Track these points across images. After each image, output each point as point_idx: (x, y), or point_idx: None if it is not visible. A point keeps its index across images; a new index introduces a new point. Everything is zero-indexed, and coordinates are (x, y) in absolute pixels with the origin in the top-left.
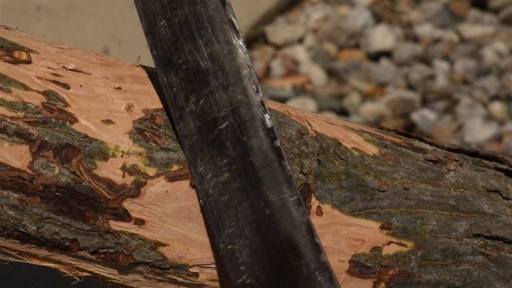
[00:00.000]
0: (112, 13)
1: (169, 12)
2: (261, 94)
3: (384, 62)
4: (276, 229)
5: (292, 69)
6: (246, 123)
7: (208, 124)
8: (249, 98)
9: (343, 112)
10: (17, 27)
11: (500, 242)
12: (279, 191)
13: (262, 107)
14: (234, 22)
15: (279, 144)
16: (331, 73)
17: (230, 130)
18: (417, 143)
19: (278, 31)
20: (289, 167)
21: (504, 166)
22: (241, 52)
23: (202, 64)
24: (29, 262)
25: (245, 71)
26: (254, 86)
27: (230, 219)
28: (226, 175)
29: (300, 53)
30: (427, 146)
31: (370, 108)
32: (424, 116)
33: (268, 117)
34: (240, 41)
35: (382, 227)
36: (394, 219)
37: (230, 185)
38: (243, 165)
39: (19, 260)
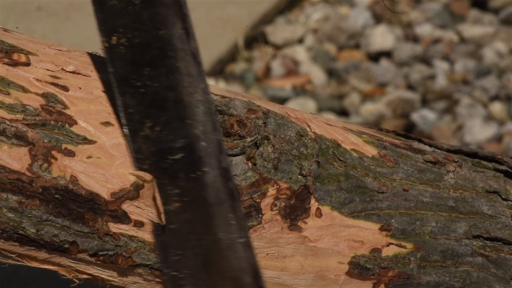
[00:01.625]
0: None
1: (130, 31)
2: (219, 133)
3: (384, 62)
4: (223, 266)
5: (292, 69)
6: (202, 159)
7: (163, 151)
8: (207, 135)
9: (343, 112)
10: (17, 27)
11: (499, 243)
12: (228, 231)
13: (219, 146)
14: (197, 55)
15: (233, 185)
16: (331, 73)
17: (184, 162)
18: (416, 144)
19: (278, 31)
20: (241, 209)
21: (503, 167)
22: (202, 87)
23: (160, 91)
24: (29, 264)
25: (204, 107)
26: (212, 124)
27: (177, 247)
28: (176, 205)
29: (300, 53)
30: (426, 147)
31: (370, 108)
32: (424, 116)
33: (225, 157)
34: (201, 75)
35: (381, 229)
36: (393, 220)
37: (180, 215)
38: (195, 199)
39: (18, 263)
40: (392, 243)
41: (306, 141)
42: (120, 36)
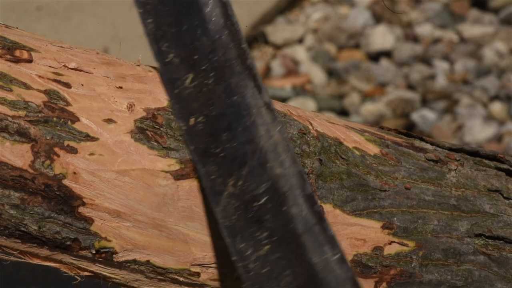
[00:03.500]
0: (112, 13)
1: (206, 108)
2: (299, 164)
3: (384, 62)
4: None
5: (292, 69)
6: (285, 194)
7: (247, 202)
8: (287, 170)
9: (343, 112)
10: (17, 27)
11: (501, 242)
12: (321, 252)
13: (301, 177)
14: (270, 104)
15: (319, 207)
16: (331, 73)
17: (269, 203)
18: (418, 142)
19: (278, 31)
20: (330, 227)
21: (505, 166)
22: (278, 129)
23: (240, 148)
24: (30, 261)
25: (282, 145)
26: (291, 158)
27: (273, 286)
28: (266, 248)
29: (300, 53)
30: (428, 146)
31: (370, 108)
32: (424, 116)
33: (307, 184)
34: (276, 120)
35: (383, 227)
36: (395, 218)
37: (271, 256)
38: (284, 235)
39: (20, 260)
40: (394, 242)
41: (308, 139)
42: (197, 116)
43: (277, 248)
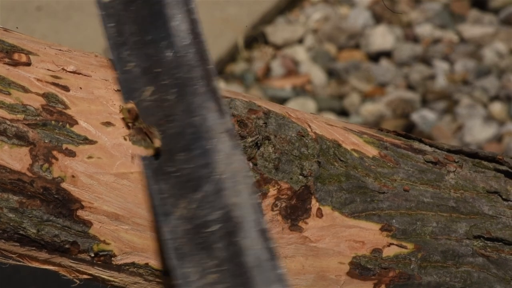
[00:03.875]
0: None
1: (164, 124)
2: (256, 197)
3: (384, 62)
4: None
5: (292, 69)
6: (239, 225)
7: (198, 227)
8: (244, 200)
9: (343, 112)
10: (17, 27)
11: (500, 243)
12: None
13: (257, 208)
14: (232, 130)
15: (272, 244)
16: (331, 73)
17: (221, 232)
18: (416, 144)
19: (278, 31)
20: (280, 267)
21: (504, 168)
22: (238, 158)
23: (196, 171)
24: (29, 264)
25: (240, 174)
26: (248, 189)
27: None
28: (213, 276)
29: (300, 53)
30: (427, 148)
31: (370, 108)
32: (424, 116)
33: (262, 217)
34: (237, 148)
35: (382, 229)
36: (394, 220)
37: (218, 285)
38: (233, 266)
39: (19, 263)
40: (393, 244)
41: (307, 141)
42: None
43: (226, 278)
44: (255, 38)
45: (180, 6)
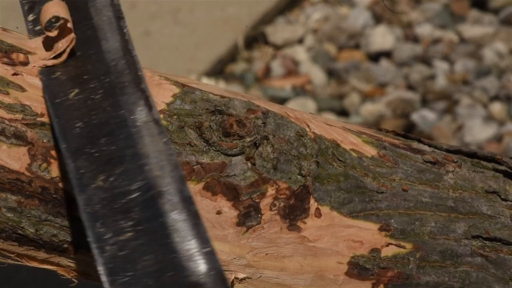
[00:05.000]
0: None
1: (87, 117)
2: (180, 171)
3: (384, 63)
4: (181, 277)
5: (292, 70)
6: (160, 192)
7: (115, 195)
8: (167, 173)
9: (343, 112)
10: (17, 27)
11: (498, 243)
12: (188, 244)
13: (181, 180)
14: (159, 121)
15: (195, 208)
16: (331, 73)
17: (141, 198)
18: (415, 144)
19: (278, 31)
20: (203, 226)
21: (503, 168)
22: (164, 141)
23: (118, 151)
24: (28, 264)
25: (165, 154)
26: (173, 165)
27: (126, 270)
28: (129, 235)
29: (300, 53)
30: (426, 148)
31: (370, 108)
32: (424, 116)
33: (186, 188)
34: (163, 133)
35: (380, 229)
36: (392, 220)
37: (133, 242)
38: (150, 225)
39: (17, 263)
40: (391, 243)
41: (305, 141)
42: (76, 122)
43: (141, 236)
44: (255, 38)
45: (113, 30)
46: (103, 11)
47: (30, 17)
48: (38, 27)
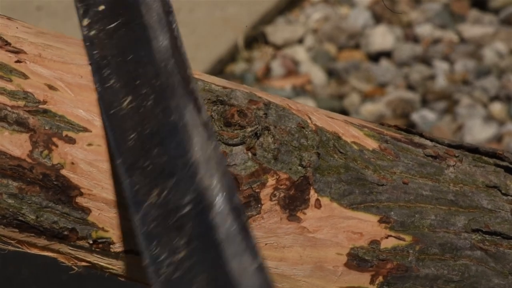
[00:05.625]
0: None
1: (140, 126)
2: (229, 178)
3: (384, 62)
4: None
5: (292, 69)
6: (211, 204)
7: (169, 211)
8: (216, 182)
9: (343, 112)
10: (17, 27)
11: (498, 237)
12: (240, 260)
13: (230, 190)
14: (208, 123)
15: (245, 217)
16: (331, 73)
17: (193, 213)
18: (417, 138)
19: (278, 31)
20: (253, 237)
21: (504, 163)
22: (213, 146)
23: (170, 161)
24: (28, 251)
25: (214, 160)
26: (222, 171)
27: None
28: (182, 253)
29: (300, 53)
30: (427, 142)
31: (370, 108)
32: (424, 116)
33: (237, 198)
34: (212, 138)
35: (380, 221)
36: (392, 213)
37: (186, 262)
38: (202, 242)
39: (18, 249)
40: (391, 235)
41: (306, 132)
42: (130, 133)
43: (194, 254)
44: (255, 38)
45: (162, 27)
46: (152, 6)
47: (85, 22)
48: (92, 32)
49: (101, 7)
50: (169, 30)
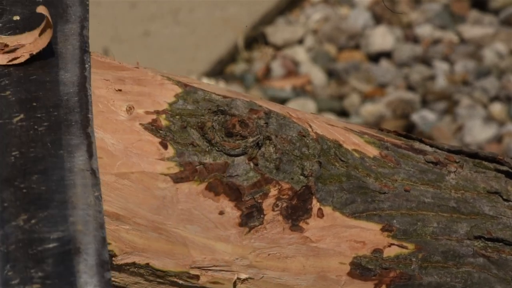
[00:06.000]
0: (112, 13)
1: (25, 147)
2: (104, 231)
3: (384, 63)
4: None
5: (292, 70)
6: (78, 250)
7: (33, 240)
8: (89, 232)
9: (343, 113)
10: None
11: (500, 244)
12: None
13: (102, 242)
14: (96, 172)
15: (109, 276)
16: (331, 74)
17: (57, 252)
18: (417, 144)
19: (278, 32)
20: None
21: (504, 168)
22: (96, 195)
23: (46, 193)
24: None
25: (94, 210)
26: (98, 224)
27: None
28: (35, 286)
29: (300, 53)
30: (428, 148)
31: (370, 109)
32: (424, 117)
33: (106, 252)
34: (97, 186)
35: (383, 229)
36: (395, 221)
37: None
38: (59, 283)
39: None
40: (393, 244)
41: (307, 141)
42: (12, 150)
43: None
44: (255, 38)
45: (74, 62)
46: (70, 39)
47: None
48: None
49: (16, 17)
50: (81, 67)
